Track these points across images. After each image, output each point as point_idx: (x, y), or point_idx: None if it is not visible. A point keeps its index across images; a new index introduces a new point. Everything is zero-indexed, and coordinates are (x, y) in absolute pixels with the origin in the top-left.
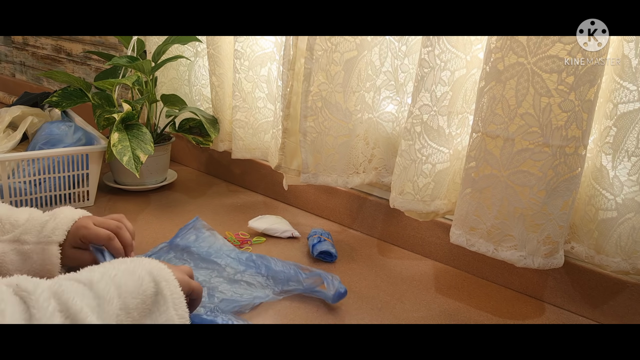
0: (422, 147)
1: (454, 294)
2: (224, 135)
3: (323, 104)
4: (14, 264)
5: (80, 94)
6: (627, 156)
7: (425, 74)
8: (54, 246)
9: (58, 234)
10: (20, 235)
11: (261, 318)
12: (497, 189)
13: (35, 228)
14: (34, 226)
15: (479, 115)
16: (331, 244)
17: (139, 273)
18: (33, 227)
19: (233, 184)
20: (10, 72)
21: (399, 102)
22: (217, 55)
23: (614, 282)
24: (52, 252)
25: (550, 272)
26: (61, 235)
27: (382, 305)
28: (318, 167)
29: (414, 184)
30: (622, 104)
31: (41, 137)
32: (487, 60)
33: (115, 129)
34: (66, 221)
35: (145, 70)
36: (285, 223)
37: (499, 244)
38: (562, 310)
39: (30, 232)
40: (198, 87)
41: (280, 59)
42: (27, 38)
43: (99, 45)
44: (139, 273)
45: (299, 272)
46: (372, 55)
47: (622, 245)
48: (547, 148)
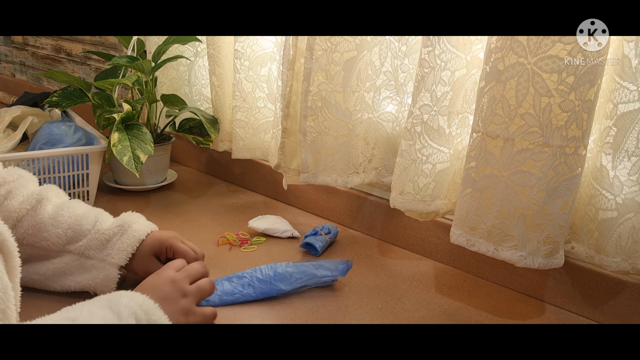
0: (423, 147)
1: (454, 294)
2: (224, 135)
3: (323, 103)
4: (75, 275)
5: (80, 94)
6: (627, 156)
7: (425, 74)
8: (114, 268)
9: (121, 257)
10: (85, 250)
11: (261, 318)
12: (498, 189)
13: (98, 243)
14: (97, 240)
15: (479, 115)
16: (323, 239)
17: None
18: (96, 242)
19: (233, 184)
20: (10, 72)
21: (399, 102)
22: (217, 55)
23: (614, 282)
24: (111, 274)
25: (550, 272)
26: (124, 259)
27: (382, 305)
28: (318, 166)
29: (414, 184)
30: (622, 104)
31: (41, 137)
32: (487, 60)
33: (115, 129)
34: (132, 241)
35: (145, 70)
36: (285, 223)
37: (499, 244)
38: (562, 310)
39: (93, 247)
40: (198, 87)
41: (280, 59)
42: (27, 38)
43: (99, 45)
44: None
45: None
46: (372, 55)
47: (622, 245)
48: (547, 148)
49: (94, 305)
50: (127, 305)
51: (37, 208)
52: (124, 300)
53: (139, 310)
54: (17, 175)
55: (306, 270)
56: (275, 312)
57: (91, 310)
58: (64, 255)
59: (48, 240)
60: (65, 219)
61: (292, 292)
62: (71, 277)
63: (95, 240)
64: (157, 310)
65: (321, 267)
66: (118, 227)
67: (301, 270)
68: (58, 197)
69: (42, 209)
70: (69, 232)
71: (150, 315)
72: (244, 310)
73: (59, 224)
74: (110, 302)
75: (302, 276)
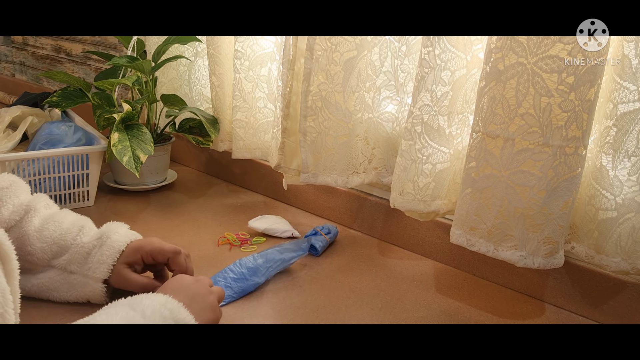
0: (423, 147)
1: (454, 294)
2: (224, 135)
3: (323, 103)
4: (59, 291)
5: (80, 94)
6: (627, 156)
7: (425, 74)
8: (97, 283)
9: (102, 270)
10: (67, 265)
11: (261, 318)
12: (498, 189)
13: (80, 257)
14: (78, 254)
15: (479, 115)
16: (323, 239)
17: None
18: (78, 255)
19: (233, 184)
20: (10, 72)
21: (399, 102)
22: (217, 55)
23: (614, 282)
24: (95, 289)
25: (550, 272)
26: (105, 272)
27: (382, 305)
28: (318, 167)
29: (415, 184)
30: (622, 104)
31: (41, 137)
32: (488, 60)
33: (115, 129)
34: (111, 253)
35: (145, 70)
36: (285, 223)
37: (499, 243)
38: (562, 310)
39: (75, 261)
40: (198, 87)
41: (280, 59)
42: (27, 38)
43: (99, 45)
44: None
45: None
46: (372, 55)
47: (622, 245)
48: (547, 148)
49: (112, 306)
50: (150, 305)
51: (24, 220)
52: (146, 301)
53: (163, 309)
54: (9, 182)
55: (274, 258)
56: (276, 312)
57: (110, 310)
58: (48, 270)
59: (33, 254)
60: (50, 233)
61: (267, 280)
62: (56, 293)
63: (76, 254)
64: (182, 309)
65: (285, 250)
66: (97, 239)
67: (269, 259)
68: (47, 208)
69: (28, 221)
70: (54, 247)
71: (175, 314)
72: (244, 310)
73: (44, 238)
74: (130, 302)
75: (272, 264)
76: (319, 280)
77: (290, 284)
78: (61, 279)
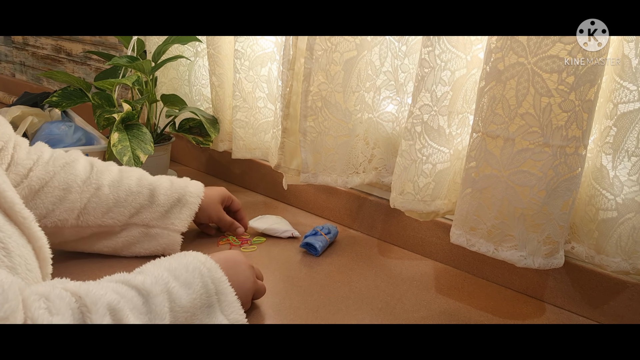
0: (423, 147)
1: (454, 294)
2: (224, 135)
3: (323, 103)
4: (142, 243)
5: (80, 94)
6: (627, 156)
7: (425, 74)
8: (177, 234)
9: (183, 225)
10: (149, 222)
11: (261, 318)
12: (498, 189)
13: (159, 215)
14: (158, 213)
15: (479, 115)
16: (323, 239)
17: (196, 287)
18: (157, 214)
19: (233, 184)
20: (10, 72)
21: (399, 102)
22: (217, 55)
23: (614, 282)
24: (175, 239)
25: (550, 272)
26: (185, 226)
27: (382, 305)
28: (318, 166)
29: (415, 184)
30: (622, 104)
31: (41, 137)
32: (488, 60)
33: (115, 129)
34: (191, 212)
35: (145, 70)
36: (285, 223)
37: (499, 244)
38: (563, 310)
39: (155, 218)
40: (198, 87)
41: (280, 59)
42: (27, 38)
43: (99, 45)
44: (196, 287)
45: None
46: (372, 55)
47: (622, 245)
48: (547, 148)
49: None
50: (192, 262)
51: (99, 190)
52: (189, 257)
53: (202, 267)
54: (62, 162)
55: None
56: (276, 312)
57: (160, 262)
58: (129, 228)
59: (114, 218)
60: (125, 197)
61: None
62: (139, 245)
63: (156, 213)
64: (219, 270)
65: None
66: (176, 200)
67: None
68: (107, 172)
69: (101, 191)
70: (131, 209)
71: (213, 273)
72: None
73: (121, 204)
74: (174, 258)
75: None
76: (319, 280)
77: (290, 284)
78: (143, 234)
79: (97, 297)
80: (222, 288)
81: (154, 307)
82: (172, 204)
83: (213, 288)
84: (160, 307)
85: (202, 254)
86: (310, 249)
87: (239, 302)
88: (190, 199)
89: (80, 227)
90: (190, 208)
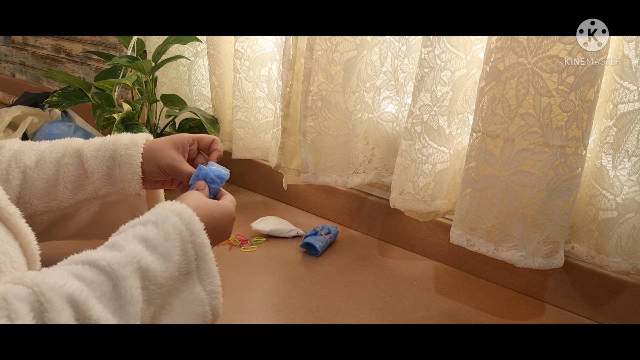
0: (423, 147)
1: (454, 294)
2: (224, 135)
3: (323, 103)
4: (108, 218)
5: (80, 94)
6: (627, 156)
7: (425, 74)
8: (137, 198)
9: (131, 186)
10: (98, 191)
11: (261, 318)
12: (498, 189)
13: (101, 179)
14: (99, 179)
15: (479, 115)
16: (323, 239)
17: (175, 256)
18: (99, 181)
19: (233, 184)
20: (10, 72)
21: (399, 102)
22: (217, 55)
23: (615, 282)
24: (136, 204)
25: (550, 272)
26: (135, 187)
27: (382, 305)
28: (318, 166)
29: (414, 184)
30: (622, 104)
31: (41, 137)
32: (488, 60)
33: (115, 129)
34: (132, 165)
35: (145, 70)
36: (286, 223)
37: (499, 244)
38: (563, 310)
39: (101, 187)
40: (198, 87)
41: (280, 59)
42: (27, 38)
43: (99, 45)
44: (175, 256)
45: None
46: (372, 55)
47: (622, 245)
48: (547, 148)
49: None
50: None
51: (25, 174)
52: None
53: (183, 228)
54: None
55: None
56: (276, 312)
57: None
58: (85, 206)
59: (57, 200)
60: (54, 174)
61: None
62: (107, 220)
63: (97, 181)
64: (203, 233)
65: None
66: (109, 159)
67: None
68: (30, 152)
69: (27, 175)
70: (69, 185)
71: (190, 225)
72: (244, 310)
73: (55, 181)
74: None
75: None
76: (319, 280)
77: (290, 284)
78: (100, 207)
79: (55, 289)
80: (202, 254)
81: (124, 292)
82: (107, 165)
83: (193, 254)
84: (131, 290)
85: (187, 209)
86: (310, 249)
87: (217, 271)
88: (127, 152)
89: (31, 217)
90: (131, 163)
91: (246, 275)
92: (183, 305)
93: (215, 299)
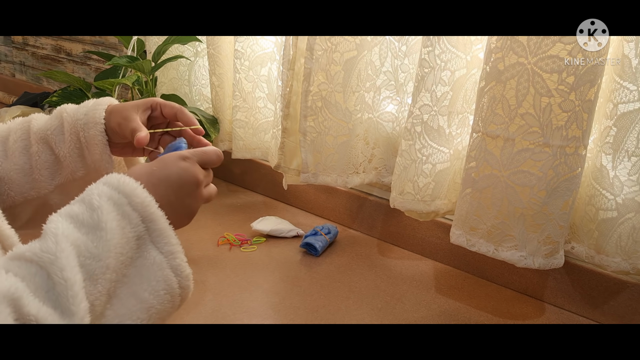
0: (423, 147)
1: (454, 294)
2: (224, 135)
3: (323, 103)
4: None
5: (80, 94)
6: (627, 156)
7: (425, 74)
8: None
9: (106, 168)
10: (74, 173)
11: (261, 318)
12: (498, 189)
13: (73, 159)
14: (72, 159)
15: (479, 115)
16: (323, 239)
17: (110, 223)
18: (70, 159)
19: (233, 184)
20: (10, 72)
21: (399, 102)
22: (217, 55)
23: (614, 282)
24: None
25: (550, 272)
26: (108, 167)
27: (382, 305)
28: (318, 166)
29: (414, 184)
30: (622, 104)
31: None
32: (488, 60)
33: None
34: (96, 137)
35: (145, 70)
36: (286, 223)
37: (499, 244)
38: (562, 310)
39: (77, 169)
40: (198, 87)
41: (280, 59)
42: (27, 38)
43: (99, 45)
44: (110, 223)
45: None
46: (372, 55)
47: (622, 245)
48: (547, 148)
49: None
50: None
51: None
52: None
53: (115, 194)
54: None
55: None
56: (276, 312)
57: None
58: (63, 192)
59: (35, 188)
60: (20, 158)
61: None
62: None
63: (72, 164)
64: (155, 207)
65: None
66: (74, 136)
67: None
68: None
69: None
70: (43, 171)
71: (131, 198)
72: (244, 310)
73: (26, 169)
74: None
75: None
76: (319, 280)
77: (290, 284)
78: (82, 189)
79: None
80: (148, 214)
81: (58, 277)
82: (77, 146)
83: (137, 216)
84: (65, 272)
85: (115, 175)
86: (310, 249)
87: (172, 229)
88: (90, 134)
89: (11, 208)
90: (97, 143)
91: (246, 275)
92: (139, 274)
93: (175, 259)
